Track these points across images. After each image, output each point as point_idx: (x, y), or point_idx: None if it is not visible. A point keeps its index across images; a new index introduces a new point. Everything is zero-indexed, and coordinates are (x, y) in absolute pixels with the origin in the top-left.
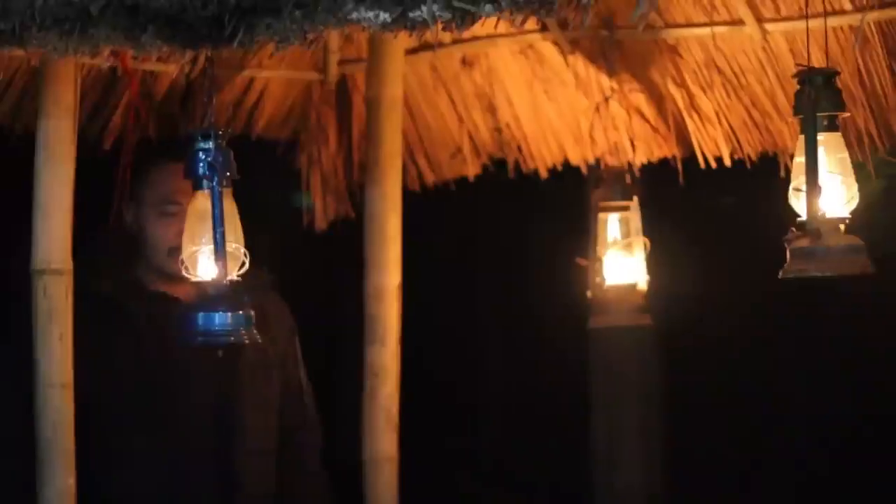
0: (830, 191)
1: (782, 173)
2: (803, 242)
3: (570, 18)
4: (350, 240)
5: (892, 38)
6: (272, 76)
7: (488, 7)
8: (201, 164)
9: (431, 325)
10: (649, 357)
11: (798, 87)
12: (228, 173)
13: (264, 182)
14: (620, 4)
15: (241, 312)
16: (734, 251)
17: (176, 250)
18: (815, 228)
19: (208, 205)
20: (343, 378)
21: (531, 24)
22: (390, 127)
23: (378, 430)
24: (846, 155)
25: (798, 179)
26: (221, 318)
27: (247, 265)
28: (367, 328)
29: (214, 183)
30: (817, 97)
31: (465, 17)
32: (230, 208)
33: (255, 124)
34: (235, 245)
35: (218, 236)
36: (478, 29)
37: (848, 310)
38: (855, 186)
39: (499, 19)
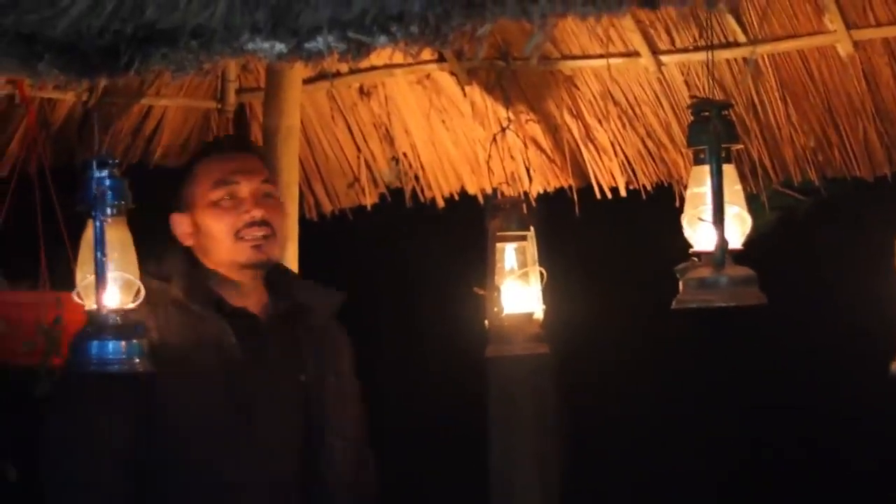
0: (725, 222)
1: (677, 203)
2: (697, 273)
3: (465, 49)
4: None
5: (786, 71)
6: (170, 104)
7: (383, 38)
8: (87, 193)
9: None
10: (546, 386)
11: (692, 118)
12: (120, 202)
13: (163, 210)
14: (517, 35)
15: (134, 342)
16: (629, 280)
17: (242, 231)
18: (717, 259)
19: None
20: None
21: (428, 54)
22: (288, 156)
23: None
24: (740, 187)
25: (693, 210)
26: (115, 347)
27: (142, 293)
28: None
29: (97, 212)
30: (709, 128)
31: (360, 49)
32: (124, 237)
33: (153, 152)
34: (129, 275)
35: (99, 265)
36: (375, 59)
37: (739, 337)
38: (749, 218)
39: (394, 50)
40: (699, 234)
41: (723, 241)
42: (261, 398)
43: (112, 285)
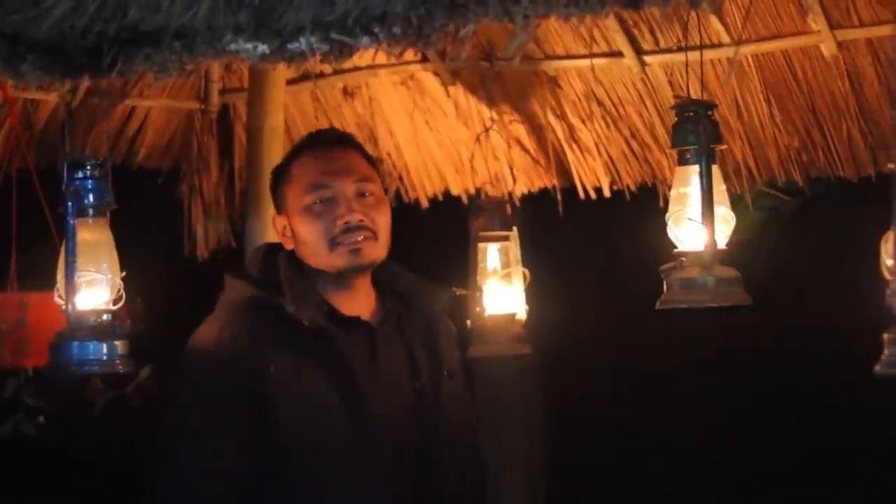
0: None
1: (661, 203)
2: (683, 273)
3: (449, 50)
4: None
5: (769, 71)
6: (153, 105)
7: (366, 39)
8: (62, 195)
9: None
10: (531, 386)
11: (676, 118)
12: (99, 203)
13: (146, 211)
14: (500, 36)
15: (114, 343)
16: (613, 281)
17: (339, 237)
18: (707, 259)
19: (82, 234)
20: None
21: (412, 54)
22: (271, 156)
23: None
24: (724, 187)
25: (678, 210)
26: (96, 348)
27: (123, 295)
28: None
29: (70, 213)
30: (698, 129)
31: (343, 49)
32: (104, 238)
33: (137, 153)
34: (108, 275)
35: (70, 266)
36: (359, 59)
37: (723, 337)
38: (733, 218)
39: (377, 50)
40: (685, 235)
41: (713, 242)
42: (379, 413)
43: (91, 286)
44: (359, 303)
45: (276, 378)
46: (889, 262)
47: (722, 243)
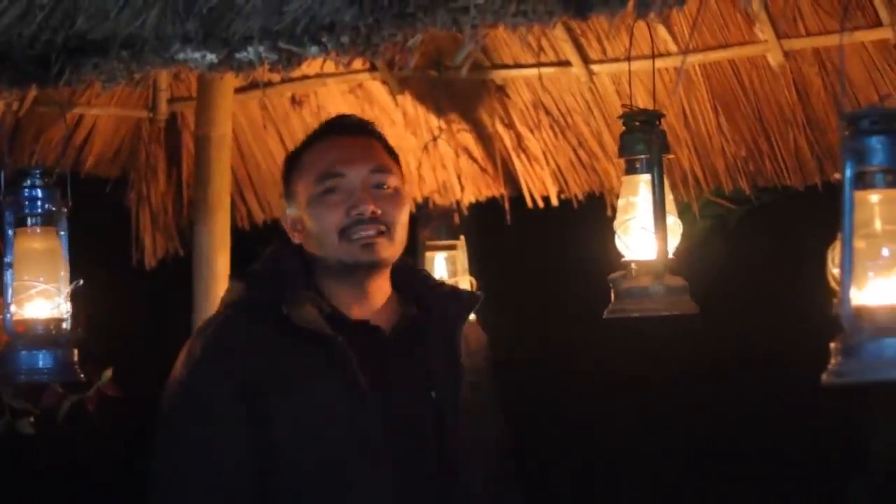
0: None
1: (609, 213)
2: (632, 282)
3: (397, 59)
4: (179, 277)
5: (717, 80)
6: (101, 114)
7: (314, 48)
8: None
9: None
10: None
11: (624, 128)
12: (44, 212)
13: (94, 219)
14: (449, 45)
15: (61, 352)
16: (561, 289)
17: (349, 230)
18: (659, 268)
19: (28, 244)
20: None
21: (360, 63)
22: (219, 165)
23: None
24: (671, 196)
25: (625, 219)
26: (44, 358)
27: (67, 305)
28: None
29: (7, 223)
30: (647, 138)
31: (291, 59)
32: (51, 246)
33: (84, 162)
34: (55, 285)
35: (6, 277)
36: (307, 68)
37: (671, 345)
38: (680, 227)
39: (325, 59)
40: (633, 244)
41: (664, 251)
42: (388, 426)
43: (39, 296)
44: (372, 305)
45: (271, 388)
46: (835, 270)
47: (670, 252)
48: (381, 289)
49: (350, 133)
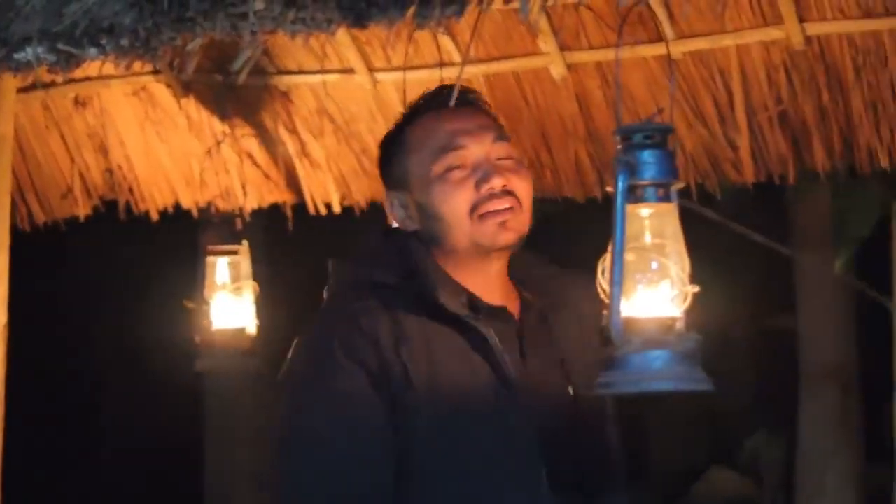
0: None
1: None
2: None
3: (177, 63)
4: None
5: (500, 92)
6: None
7: (93, 50)
8: None
9: (38, 364)
10: (261, 400)
11: None
12: None
13: None
14: (234, 49)
15: None
16: None
17: (481, 208)
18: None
19: None
20: None
21: (145, 66)
22: (0, 165)
23: None
24: None
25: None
26: None
27: None
28: None
29: None
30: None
31: (70, 60)
32: None
33: None
34: None
35: None
36: (91, 69)
37: None
38: None
39: (104, 62)
40: None
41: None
42: (532, 424)
43: None
44: (498, 291)
45: (412, 378)
46: (605, 284)
47: None
48: (502, 273)
49: (459, 104)
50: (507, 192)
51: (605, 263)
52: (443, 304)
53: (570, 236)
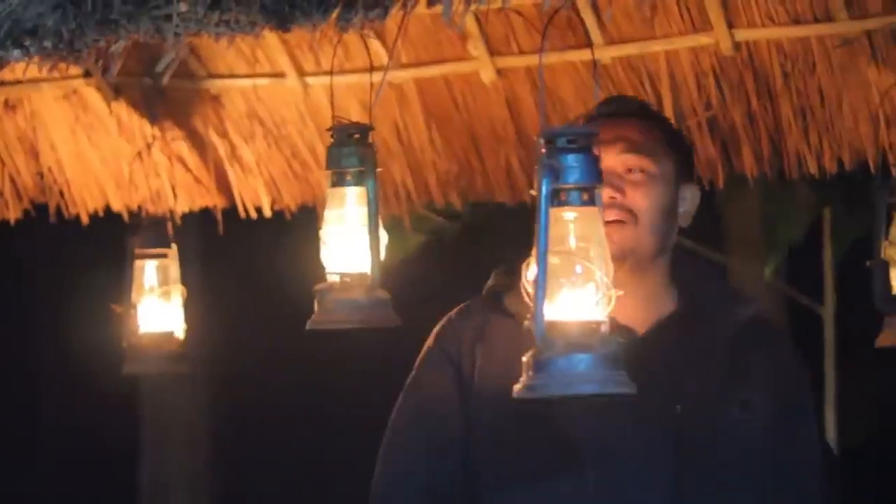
0: (358, 244)
1: (320, 225)
2: (338, 294)
3: (100, 65)
4: None
5: (430, 96)
6: None
7: (17, 52)
8: None
9: None
10: (192, 403)
11: (333, 140)
12: None
13: None
14: (164, 53)
15: None
16: (276, 300)
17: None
18: (374, 282)
19: None
20: None
21: (76, 69)
22: None
23: None
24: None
25: (332, 230)
26: None
27: None
28: None
29: None
30: (357, 151)
31: None
32: None
33: None
34: None
35: None
36: (20, 73)
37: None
38: (385, 238)
39: (28, 64)
40: (337, 255)
41: (378, 263)
42: (614, 439)
43: None
44: (623, 300)
45: (480, 374)
46: (529, 288)
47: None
48: (636, 283)
49: (614, 115)
50: (613, 205)
51: (528, 267)
52: (508, 309)
53: (503, 241)
